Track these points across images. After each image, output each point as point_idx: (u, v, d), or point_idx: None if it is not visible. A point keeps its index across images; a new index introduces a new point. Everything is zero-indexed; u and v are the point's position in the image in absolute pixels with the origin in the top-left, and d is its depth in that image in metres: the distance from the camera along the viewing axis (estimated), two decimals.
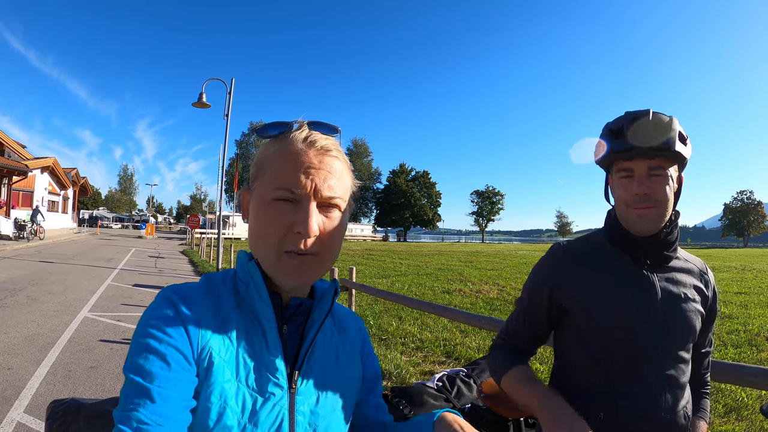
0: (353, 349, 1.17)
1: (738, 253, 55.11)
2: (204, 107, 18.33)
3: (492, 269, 23.23)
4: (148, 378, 0.81)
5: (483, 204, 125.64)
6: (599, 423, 1.44)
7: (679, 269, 1.55)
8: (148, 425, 0.77)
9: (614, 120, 1.50)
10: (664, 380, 1.46)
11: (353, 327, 1.21)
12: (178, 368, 0.84)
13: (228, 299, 0.99)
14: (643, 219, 1.45)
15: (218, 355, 0.90)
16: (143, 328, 0.88)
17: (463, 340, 8.15)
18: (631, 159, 1.45)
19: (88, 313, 9.21)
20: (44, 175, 36.00)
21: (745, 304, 12.85)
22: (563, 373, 1.62)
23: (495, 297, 13.69)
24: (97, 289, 12.18)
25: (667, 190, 1.43)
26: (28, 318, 8.42)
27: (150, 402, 0.79)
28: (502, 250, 49.67)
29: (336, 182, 0.96)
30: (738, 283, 17.56)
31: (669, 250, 1.51)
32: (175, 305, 0.91)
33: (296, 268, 0.93)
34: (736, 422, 4.93)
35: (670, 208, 1.47)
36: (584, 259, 1.58)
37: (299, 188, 0.92)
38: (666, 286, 1.50)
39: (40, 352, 6.45)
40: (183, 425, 0.82)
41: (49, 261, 18.22)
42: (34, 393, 5.05)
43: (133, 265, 19.02)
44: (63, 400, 1.38)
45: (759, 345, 8.28)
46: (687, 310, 1.49)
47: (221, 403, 0.87)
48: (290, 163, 0.94)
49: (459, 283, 16.94)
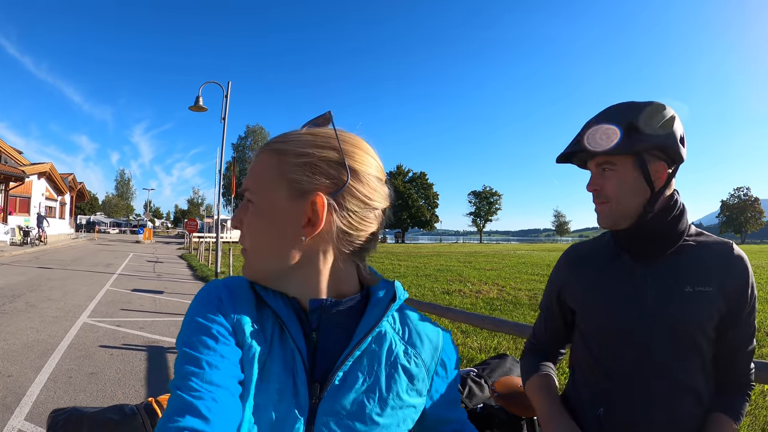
0: (419, 371, 1.02)
1: None
2: (201, 111, 18.31)
3: (491, 269, 23.21)
4: (197, 350, 0.86)
5: (480, 204, 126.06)
6: (599, 418, 1.49)
7: (687, 259, 1.46)
8: (199, 391, 0.80)
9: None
10: (664, 380, 1.43)
11: (429, 344, 1.06)
12: (224, 341, 0.88)
13: (270, 298, 0.98)
14: (600, 215, 1.52)
15: (250, 346, 0.91)
16: (192, 308, 0.93)
17: (465, 341, 8.14)
18: (587, 160, 1.55)
19: (87, 319, 9.17)
20: (41, 181, 35.94)
21: None
22: (573, 372, 1.68)
23: (495, 297, 13.68)
24: (96, 295, 12.14)
25: (617, 185, 1.45)
26: (28, 324, 8.38)
27: (200, 370, 0.83)
28: (501, 250, 49.70)
29: (251, 174, 0.98)
30: None
31: (659, 242, 1.46)
32: (218, 292, 0.96)
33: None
34: None
35: (629, 201, 1.45)
36: (586, 259, 1.64)
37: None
38: (663, 281, 1.45)
39: (40, 359, 6.41)
40: (234, 392, 0.84)
41: (47, 267, 18.16)
42: (35, 400, 5.01)
43: (132, 270, 18.97)
44: (64, 410, 1.36)
45: (760, 340, 8.28)
46: (692, 306, 1.41)
47: (244, 395, 0.87)
48: None
49: (458, 283, 16.93)
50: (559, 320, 1.72)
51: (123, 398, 5.21)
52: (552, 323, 1.75)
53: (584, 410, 1.55)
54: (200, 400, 0.79)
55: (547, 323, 1.77)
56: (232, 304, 0.94)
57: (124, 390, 5.45)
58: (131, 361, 6.59)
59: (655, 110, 1.42)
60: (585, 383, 1.58)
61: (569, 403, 1.62)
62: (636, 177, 1.44)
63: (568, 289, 1.64)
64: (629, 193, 1.45)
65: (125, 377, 5.87)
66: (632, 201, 1.45)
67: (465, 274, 20.14)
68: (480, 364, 2.58)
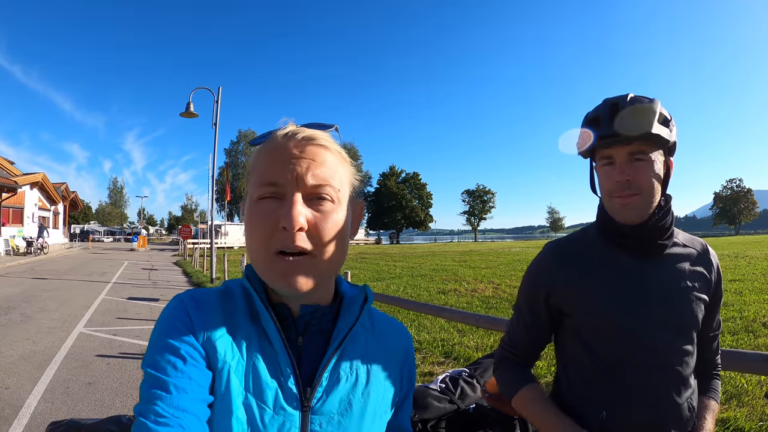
0: (393, 366, 1.07)
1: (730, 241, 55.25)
2: (192, 117, 18.32)
3: (486, 267, 23.22)
4: (164, 372, 0.82)
5: (474, 203, 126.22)
6: (602, 422, 1.43)
7: (678, 256, 1.49)
8: (166, 417, 0.77)
9: (594, 108, 1.48)
10: (667, 375, 1.43)
11: (396, 341, 1.11)
12: (192, 362, 0.84)
13: (242, 308, 0.96)
14: (626, 208, 1.41)
15: (224, 359, 0.87)
16: (159, 326, 0.89)
17: (461, 340, 8.15)
18: (611, 146, 1.42)
19: (83, 329, 9.16)
20: (34, 191, 35.81)
21: (740, 291, 12.86)
22: (566, 374, 1.59)
23: (490, 295, 13.70)
24: (91, 304, 12.12)
25: (650, 177, 1.39)
26: (23, 336, 8.37)
27: (167, 394, 0.79)
28: (495, 248, 49.71)
29: (323, 171, 0.90)
30: (732, 271, 17.56)
31: (663, 239, 1.46)
32: (185, 307, 0.91)
33: (287, 271, 0.86)
34: (738, 408, 4.96)
35: (656, 195, 1.42)
36: (576, 257, 1.55)
37: (279, 179, 0.87)
38: (663, 278, 1.45)
39: (37, 370, 6.41)
40: (201, 418, 0.81)
41: (42, 277, 18.13)
42: (33, 412, 5.01)
43: (127, 278, 18.94)
44: (61, 422, 1.36)
45: (756, 331, 8.32)
46: (688, 300, 1.45)
47: (224, 408, 0.84)
48: (271, 156, 0.90)
49: (454, 282, 16.93)
50: (545, 324, 1.62)
51: (121, 407, 5.21)
52: (536, 328, 1.64)
53: (582, 415, 1.48)
54: (166, 427, 0.76)
55: (529, 328, 1.65)
56: (201, 319, 0.90)
57: (122, 399, 5.45)
58: (128, 370, 6.59)
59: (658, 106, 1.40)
60: (582, 387, 1.52)
61: (562, 409, 1.54)
62: (661, 171, 1.42)
63: (560, 289, 1.54)
64: (656, 187, 1.41)
65: (122, 386, 5.87)
66: (657, 195, 1.42)
67: (460, 273, 20.15)
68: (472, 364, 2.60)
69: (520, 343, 1.68)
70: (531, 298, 1.62)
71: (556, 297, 1.55)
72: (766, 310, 10.01)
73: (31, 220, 34.55)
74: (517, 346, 1.68)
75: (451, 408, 2.15)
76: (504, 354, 1.72)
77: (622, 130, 1.36)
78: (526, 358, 1.69)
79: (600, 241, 1.53)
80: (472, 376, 2.41)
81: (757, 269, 18.02)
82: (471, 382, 2.35)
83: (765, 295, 11.94)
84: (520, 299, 1.68)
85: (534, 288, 1.61)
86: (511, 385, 1.63)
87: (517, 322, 1.68)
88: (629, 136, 1.36)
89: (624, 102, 1.39)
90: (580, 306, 1.50)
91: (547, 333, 1.65)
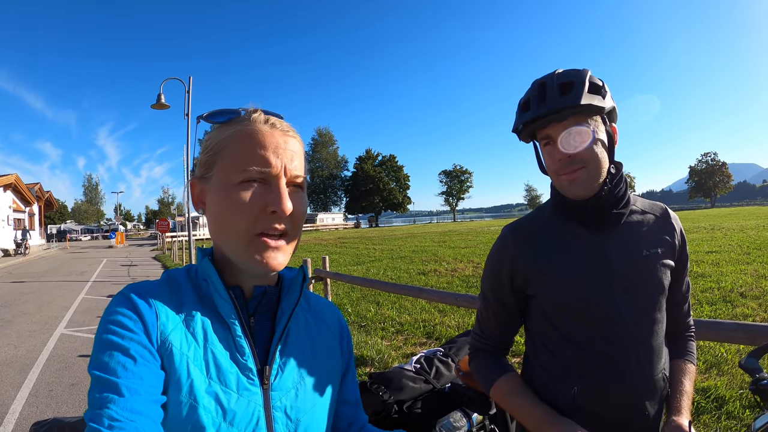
0: (331, 339, 1.14)
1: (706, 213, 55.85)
2: (163, 108, 18.05)
3: (465, 247, 23.38)
4: (114, 374, 0.79)
5: (452, 183, 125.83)
6: (574, 398, 1.43)
7: (637, 224, 1.47)
8: (120, 421, 0.74)
9: (525, 92, 1.46)
10: (637, 347, 1.41)
11: (331, 316, 1.18)
12: (143, 362, 0.82)
13: (190, 296, 0.97)
14: (574, 184, 1.37)
15: (181, 351, 0.87)
16: (103, 325, 0.86)
17: (443, 320, 8.25)
18: (546, 126, 1.39)
19: (64, 330, 9.11)
20: (7, 193, 35.22)
21: (717, 262, 13.11)
22: (535, 354, 1.58)
23: (470, 274, 13.83)
24: (71, 305, 12.04)
25: (592, 148, 1.35)
26: (4, 341, 8.30)
27: (119, 397, 0.77)
28: (474, 228, 49.97)
29: (299, 163, 0.97)
30: (708, 243, 17.88)
31: (618, 208, 1.42)
32: (132, 301, 0.89)
33: (269, 251, 0.91)
34: (718, 377, 5.06)
35: (603, 165, 1.38)
36: (534, 237, 1.52)
37: (269, 167, 0.91)
38: (623, 249, 1.43)
39: (20, 375, 6.38)
40: (155, 420, 0.79)
41: (20, 281, 17.91)
42: (18, 417, 5.01)
43: (106, 276, 18.79)
44: (44, 421, 1.35)
45: (733, 301, 8.50)
46: (651, 269, 1.43)
47: (191, 401, 0.84)
48: (256, 143, 0.92)
49: (434, 263, 17.04)
50: (514, 309, 1.59)
51: None
52: (504, 313, 1.60)
53: (553, 393, 1.48)
54: (122, 431, 0.74)
55: (498, 315, 1.61)
56: (151, 313, 0.89)
57: None
58: None
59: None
60: (552, 364, 1.50)
61: (533, 387, 1.53)
62: (604, 139, 1.38)
63: (521, 271, 1.51)
64: (601, 156, 1.37)
65: None
66: (604, 165, 1.38)
67: (440, 254, 20.26)
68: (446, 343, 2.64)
69: (491, 331, 1.64)
70: (495, 283, 1.59)
71: (519, 279, 1.52)
72: (743, 281, 10.23)
73: (6, 222, 34.02)
74: (488, 336, 1.65)
75: (426, 388, 2.19)
76: (477, 345, 1.69)
77: (548, 108, 1.35)
78: (499, 346, 1.66)
79: (557, 218, 1.51)
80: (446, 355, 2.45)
81: (733, 240, 18.34)
82: (446, 361, 2.39)
83: (741, 266, 12.19)
84: (484, 286, 1.65)
85: (496, 273, 1.58)
86: (486, 376, 1.60)
87: (485, 310, 1.65)
88: (559, 111, 1.34)
89: (551, 79, 1.38)
90: (543, 285, 1.48)
91: (517, 317, 1.62)
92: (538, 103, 1.38)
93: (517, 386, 1.52)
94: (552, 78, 1.39)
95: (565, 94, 1.34)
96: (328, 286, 7.39)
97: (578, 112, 1.34)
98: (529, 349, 1.63)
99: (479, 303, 1.69)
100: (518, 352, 5.78)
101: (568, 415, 1.39)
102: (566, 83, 1.36)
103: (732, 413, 4.27)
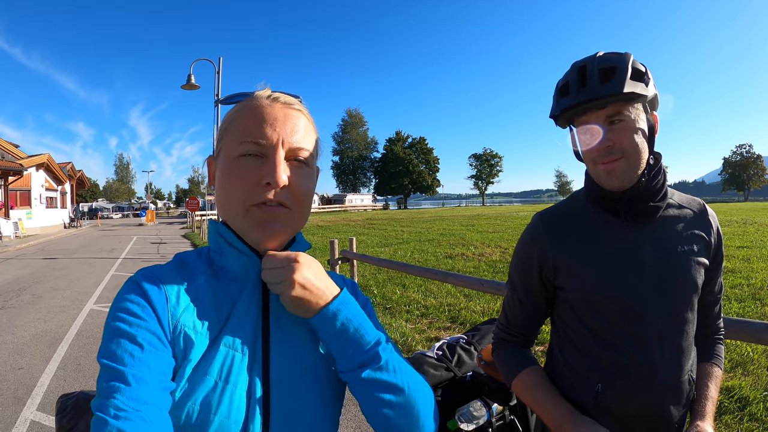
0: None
1: (739, 207, 54.68)
2: (193, 89, 18.23)
3: (494, 231, 23.30)
4: (121, 362, 0.79)
5: (482, 167, 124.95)
6: (597, 395, 1.39)
7: (674, 219, 1.42)
8: (126, 411, 0.74)
9: (564, 74, 1.40)
10: (666, 346, 1.36)
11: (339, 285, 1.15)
12: (151, 349, 0.82)
13: (203, 272, 0.98)
14: (612, 174, 1.32)
15: (194, 331, 0.89)
16: (113, 313, 0.86)
17: (468, 305, 8.22)
18: (585, 113, 1.34)
19: (93, 306, 9.29)
20: (40, 173, 35.77)
21: (748, 258, 12.79)
22: (560, 347, 1.53)
23: (498, 259, 13.74)
24: (101, 281, 12.26)
25: (633, 137, 1.30)
26: (35, 316, 8.48)
27: (125, 386, 0.76)
28: (503, 212, 49.71)
29: (302, 135, 0.97)
30: (740, 237, 17.51)
31: (655, 201, 1.36)
32: (141, 288, 0.89)
33: (264, 218, 0.93)
34: (743, 377, 4.95)
35: (642, 156, 1.33)
36: (565, 226, 1.47)
37: (265, 139, 0.92)
38: (658, 243, 1.38)
39: (49, 349, 6.51)
40: (162, 408, 0.79)
41: (52, 257, 18.27)
42: (46, 390, 5.10)
43: (136, 254, 19.10)
44: (71, 394, 1.37)
45: (763, 299, 8.27)
46: (686, 266, 1.38)
47: (206, 376, 0.86)
48: (255, 116, 0.94)
49: (461, 247, 17.01)
50: (540, 299, 1.54)
51: None
52: (531, 304, 1.56)
53: (576, 389, 1.44)
54: (127, 421, 0.73)
55: (524, 305, 1.56)
56: (160, 296, 0.89)
57: None
58: None
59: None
60: (576, 359, 1.45)
61: (555, 382, 1.50)
62: (645, 128, 1.33)
63: (551, 261, 1.46)
64: (641, 146, 1.32)
65: None
66: (644, 155, 1.33)
67: (467, 238, 20.22)
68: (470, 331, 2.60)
69: (516, 320, 1.60)
70: (523, 271, 1.54)
71: (548, 269, 1.48)
72: None
73: (39, 201, 34.68)
74: (514, 326, 1.61)
75: (447, 375, 2.16)
76: (501, 335, 1.65)
77: (589, 95, 1.29)
78: (524, 338, 1.61)
79: (590, 209, 1.46)
80: (469, 343, 2.41)
81: (766, 236, 17.93)
82: (468, 349, 2.35)
83: None
84: (512, 274, 1.61)
85: (525, 261, 1.53)
86: (509, 368, 1.57)
87: (512, 299, 1.60)
88: (600, 98, 1.28)
89: (591, 63, 1.32)
90: (573, 277, 1.43)
91: (544, 307, 1.57)
92: (577, 88, 1.33)
93: (540, 381, 1.48)
94: (593, 61, 1.33)
95: (606, 81, 1.28)
96: (355, 268, 7.38)
97: (623, 101, 1.29)
98: (554, 341, 1.59)
99: (507, 291, 1.64)
100: (542, 341, 5.73)
101: (590, 413, 1.37)
102: (608, 68, 1.30)
103: (755, 415, 4.17)
